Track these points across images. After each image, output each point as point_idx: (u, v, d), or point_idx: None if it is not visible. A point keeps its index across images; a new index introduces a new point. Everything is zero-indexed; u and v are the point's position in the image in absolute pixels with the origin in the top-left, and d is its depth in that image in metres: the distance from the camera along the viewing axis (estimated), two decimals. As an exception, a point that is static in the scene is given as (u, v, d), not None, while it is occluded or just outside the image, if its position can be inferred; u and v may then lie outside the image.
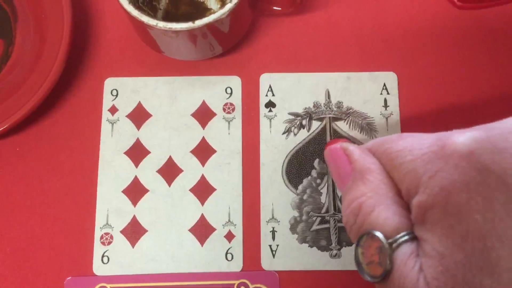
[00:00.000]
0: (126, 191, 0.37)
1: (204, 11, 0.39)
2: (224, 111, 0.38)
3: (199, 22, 0.32)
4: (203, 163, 0.37)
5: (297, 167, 0.37)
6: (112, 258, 0.35)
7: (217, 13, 0.32)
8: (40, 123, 0.38)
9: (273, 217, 0.36)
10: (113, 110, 0.38)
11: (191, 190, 0.37)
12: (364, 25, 0.40)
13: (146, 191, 0.37)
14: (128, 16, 0.33)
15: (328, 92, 0.38)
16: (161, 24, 0.31)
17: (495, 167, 0.19)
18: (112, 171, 0.37)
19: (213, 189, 0.37)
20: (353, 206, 0.24)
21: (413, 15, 0.40)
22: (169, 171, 0.37)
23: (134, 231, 0.36)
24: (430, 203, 0.21)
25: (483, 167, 0.20)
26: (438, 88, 0.38)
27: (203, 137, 0.38)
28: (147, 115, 0.38)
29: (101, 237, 0.36)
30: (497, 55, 0.39)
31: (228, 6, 0.32)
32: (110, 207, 0.36)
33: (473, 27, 0.39)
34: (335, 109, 0.38)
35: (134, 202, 0.36)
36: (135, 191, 0.37)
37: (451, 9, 0.40)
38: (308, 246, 0.36)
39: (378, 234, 0.22)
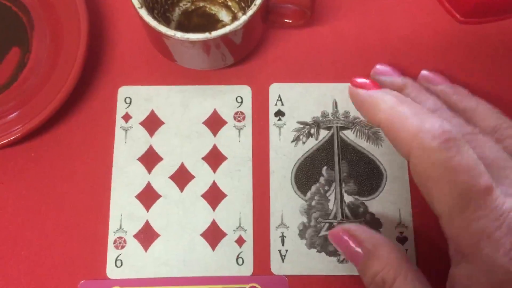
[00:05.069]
0: (139, 197, 0.37)
1: (215, 22, 0.40)
2: (235, 120, 0.39)
3: (215, 33, 0.33)
4: (214, 170, 0.38)
5: (306, 174, 0.38)
6: (125, 261, 0.36)
7: (233, 25, 0.33)
8: (55, 130, 0.39)
9: (282, 223, 0.37)
10: (126, 117, 0.39)
11: (203, 196, 0.37)
12: (370, 38, 0.41)
13: (159, 196, 0.37)
14: (146, 26, 0.34)
15: (336, 102, 0.40)
16: (179, 35, 0.33)
17: None
18: (126, 177, 0.38)
19: (224, 195, 0.38)
20: (377, 280, 0.29)
21: (416, 29, 0.41)
22: (181, 177, 0.38)
23: (147, 236, 0.37)
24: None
25: None
26: (441, 99, 0.40)
27: (214, 145, 0.39)
28: (160, 123, 0.39)
29: (115, 241, 0.37)
30: (499, 69, 0.40)
31: (243, 19, 0.33)
32: (123, 212, 0.37)
33: (475, 41, 0.41)
34: (342, 118, 0.39)
35: (147, 207, 0.37)
36: (148, 196, 0.37)
37: (453, 23, 0.41)
38: (317, 251, 0.37)
39: None
